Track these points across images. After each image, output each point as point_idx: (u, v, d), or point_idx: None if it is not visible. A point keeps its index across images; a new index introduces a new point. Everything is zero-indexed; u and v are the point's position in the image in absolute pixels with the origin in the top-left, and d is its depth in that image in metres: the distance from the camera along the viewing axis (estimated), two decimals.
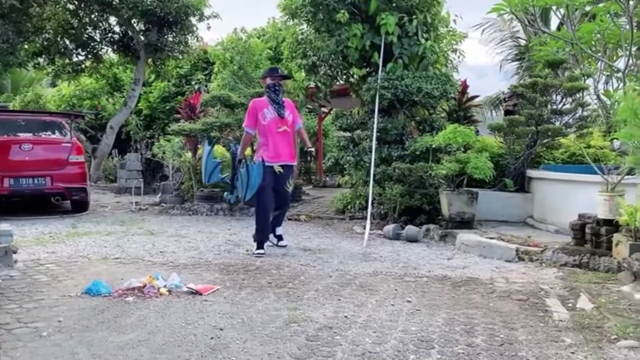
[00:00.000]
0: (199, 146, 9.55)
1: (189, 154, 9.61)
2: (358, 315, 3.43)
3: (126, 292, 3.89)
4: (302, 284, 4.23)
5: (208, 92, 11.96)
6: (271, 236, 5.84)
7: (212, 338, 3.00)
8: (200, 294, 3.86)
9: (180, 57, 14.93)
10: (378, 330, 3.15)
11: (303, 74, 8.67)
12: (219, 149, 9.75)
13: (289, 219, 8.10)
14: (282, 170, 5.58)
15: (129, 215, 8.58)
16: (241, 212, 8.53)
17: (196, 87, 15.44)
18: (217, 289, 4.02)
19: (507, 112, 8.44)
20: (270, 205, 5.64)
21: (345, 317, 3.40)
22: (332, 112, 14.24)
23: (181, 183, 9.88)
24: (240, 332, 3.09)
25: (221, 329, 3.14)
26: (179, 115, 10.85)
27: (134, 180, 12.07)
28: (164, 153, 10.48)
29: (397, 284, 4.32)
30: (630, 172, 4.54)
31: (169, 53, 14.38)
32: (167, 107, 16.07)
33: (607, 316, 3.44)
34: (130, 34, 14.26)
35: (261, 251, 5.48)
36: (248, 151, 6.57)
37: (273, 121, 5.63)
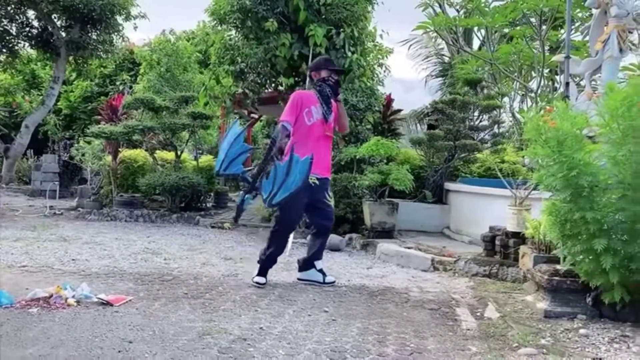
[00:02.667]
0: (119, 150, 9.24)
1: (109, 157, 9.26)
2: (274, 327, 3.42)
3: (30, 303, 3.67)
4: (220, 295, 4.17)
5: (132, 94, 11.62)
6: (312, 272, 4.72)
7: (119, 351, 2.89)
8: (111, 305, 3.71)
9: (104, 56, 14.37)
10: (292, 342, 3.15)
11: (231, 80, 8.60)
12: (140, 153, 9.48)
13: (212, 227, 7.99)
14: (317, 183, 4.48)
15: (41, 220, 8.14)
16: (162, 219, 8.31)
17: (121, 87, 14.93)
18: (130, 300, 3.88)
19: (430, 127, 8.75)
20: (296, 223, 4.73)
21: (261, 328, 3.38)
22: (261, 118, 14.19)
23: (100, 187, 9.51)
24: (150, 345, 3.00)
25: (130, 342, 3.03)
26: (99, 117, 10.44)
27: (49, 182, 11.52)
28: (83, 155, 10.06)
29: (315, 294, 4.35)
30: (537, 187, 4.82)
31: (92, 52, 13.79)
32: (89, 108, 15.45)
33: (511, 325, 3.62)
34: (50, 29, 13.56)
35: (262, 280, 4.50)
36: None
37: (318, 124, 4.56)
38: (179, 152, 9.33)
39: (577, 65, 5.89)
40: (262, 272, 4.57)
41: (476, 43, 15.86)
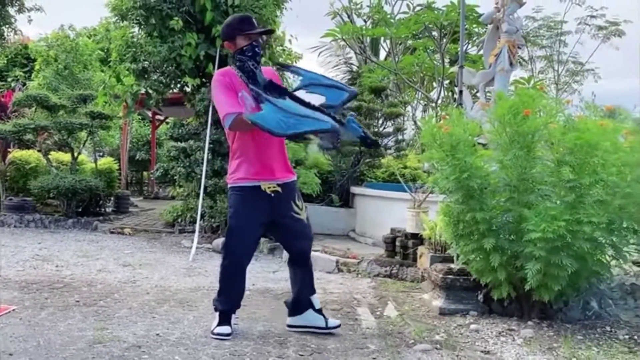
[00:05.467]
0: (9, 150, 8.58)
1: None
2: (172, 333, 3.31)
3: None
4: (115, 302, 3.97)
5: (24, 91, 10.85)
6: (309, 314, 3.51)
7: None
8: None
9: None
10: (190, 347, 3.06)
11: (133, 78, 8.25)
12: (33, 154, 8.88)
13: (111, 232, 7.62)
14: (279, 191, 3.29)
15: None
16: (57, 225, 7.80)
17: (12, 84, 13.89)
18: (13, 310, 3.59)
19: None
20: (249, 255, 3.44)
21: (158, 335, 3.25)
22: (168, 120, 13.78)
23: None
24: (33, 357, 2.78)
25: (10, 354, 2.80)
26: None
27: None
28: None
29: None
30: (433, 190, 5.05)
31: None
32: None
33: (408, 322, 3.75)
34: None
35: (225, 329, 3.25)
36: None
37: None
38: (75, 154, 8.82)
39: (473, 77, 6.24)
40: (223, 319, 3.30)
41: (383, 54, 16.37)
